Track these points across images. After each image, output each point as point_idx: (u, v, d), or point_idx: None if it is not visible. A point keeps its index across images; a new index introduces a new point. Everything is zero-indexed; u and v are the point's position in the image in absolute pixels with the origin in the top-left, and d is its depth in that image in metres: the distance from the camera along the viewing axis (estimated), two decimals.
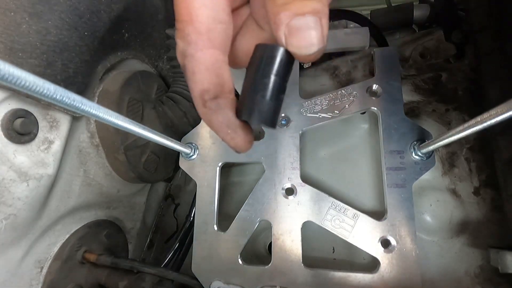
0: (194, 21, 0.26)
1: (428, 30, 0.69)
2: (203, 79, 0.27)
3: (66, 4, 0.48)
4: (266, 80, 0.25)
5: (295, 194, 0.55)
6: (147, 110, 0.67)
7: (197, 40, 0.26)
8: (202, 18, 0.26)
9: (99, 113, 0.29)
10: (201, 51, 0.26)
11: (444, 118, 0.63)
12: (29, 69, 0.43)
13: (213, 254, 0.56)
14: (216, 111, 0.27)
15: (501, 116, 0.30)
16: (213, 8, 0.26)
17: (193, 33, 0.26)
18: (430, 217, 0.59)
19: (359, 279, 0.50)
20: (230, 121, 0.28)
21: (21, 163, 0.46)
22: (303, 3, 0.23)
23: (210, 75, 0.27)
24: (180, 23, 0.26)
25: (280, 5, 0.23)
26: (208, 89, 0.27)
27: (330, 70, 0.71)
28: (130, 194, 0.73)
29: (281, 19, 0.23)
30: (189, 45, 0.26)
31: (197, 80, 0.27)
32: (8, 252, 0.49)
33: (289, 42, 0.24)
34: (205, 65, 0.26)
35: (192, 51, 0.26)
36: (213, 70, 0.27)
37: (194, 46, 0.26)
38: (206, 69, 0.26)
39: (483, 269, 0.56)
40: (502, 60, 0.53)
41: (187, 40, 0.26)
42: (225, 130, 0.28)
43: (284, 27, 0.23)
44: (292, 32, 0.23)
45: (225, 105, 0.28)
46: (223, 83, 0.28)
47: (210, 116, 0.28)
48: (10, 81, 0.20)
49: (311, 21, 0.23)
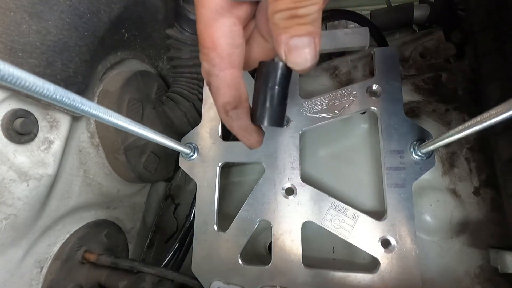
0: (217, 48, 0.32)
1: (428, 30, 0.69)
2: (225, 93, 0.33)
3: (66, 4, 0.48)
4: (272, 91, 0.32)
5: (295, 194, 0.55)
6: (147, 110, 0.67)
7: (220, 63, 0.32)
8: (223, 45, 0.32)
9: (99, 113, 0.29)
10: (223, 72, 0.33)
11: (444, 118, 0.63)
12: (29, 69, 0.43)
13: (213, 254, 0.56)
14: (236, 119, 0.34)
15: (501, 116, 0.30)
16: (231, 36, 0.32)
17: (216, 57, 0.32)
18: (430, 217, 0.59)
19: (359, 279, 0.50)
20: (247, 126, 0.35)
21: (21, 163, 0.46)
22: (300, 27, 0.28)
23: (231, 90, 0.33)
24: (205, 49, 0.32)
25: (281, 28, 0.28)
26: (230, 101, 0.34)
27: (330, 70, 0.71)
28: (130, 194, 0.73)
29: (281, 39, 0.29)
30: (213, 67, 0.33)
31: (221, 94, 0.34)
32: (8, 252, 0.49)
33: (288, 58, 0.29)
34: (227, 82, 0.33)
35: (216, 72, 0.33)
36: (233, 86, 0.33)
37: (218, 67, 0.33)
38: (228, 86, 0.33)
39: (483, 269, 0.56)
40: (501, 60, 0.53)
41: (211, 63, 0.32)
42: (243, 134, 0.36)
43: (284, 46, 0.29)
44: (290, 50, 0.29)
45: (242, 114, 0.35)
46: (241, 95, 0.34)
47: (231, 123, 0.35)
48: (10, 81, 0.20)
49: (306, 41, 0.28)
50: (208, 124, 0.61)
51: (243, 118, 0.35)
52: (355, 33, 0.60)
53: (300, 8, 0.27)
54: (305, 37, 0.28)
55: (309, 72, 0.73)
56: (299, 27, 0.28)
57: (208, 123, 0.62)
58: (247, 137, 0.36)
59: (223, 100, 0.34)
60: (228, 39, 0.32)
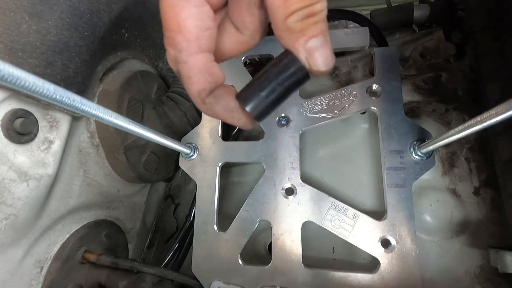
0: (183, 31, 0.28)
1: (428, 30, 0.69)
2: (198, 80, 0.29)
3: (66, 4, 0.48)
4: (279, 86, 0.28)
5: (295, 194, 0.55)
6: (147, 110, 0.67)
7: (188, 47, 0.28)
8: (190, 28, 0.28)
9: (99, 113, 0.29)
10: (192, 57, 0.29)
11: (444, 118, 0.63)
12: (29, 69, 0.43)
13: (213, 254, 0.56)
14: (216, 102, 0.30)
15: (500, 116, 0.30)
16: (200, 17, 0.28)
17: (183, 41, 0.28)
18: (430, 217, 0.59)
19: (359, 279, 0.50)
20: (231, 105, 0.31)
21: (21, 163, 0.46)
22: (315, 26, 0.26)
23: (204, 75, 0.29)
24: (170, 32, 0.28)
25: (298, 32, 0.26)
26: (204, 87, 0.30)
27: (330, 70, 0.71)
28: (130, 194, 0.73)
29: (300, 44, 0.26)
30: (180, 52, 0.28)
31: (193, 82, 0.29)
32: (8, 252, 0.49)
33: (311, 63, 0.27)
34: (198, 68, 0.29)
35: (184, 58, 0.29)
36: (205, 71, 0.29)
37: (185, 53, 0.28)
38: (200, 71, 0.29)
39: (483, 269, 0.56)
40: (501, 60, 0.53)
41: (178, 48, 0.28)
42: (230, 115, 0.31)
43: (304, 51, 0.27)
44: (311, 54, 0.27)
45: (221, 95, 0.30)
46: (217, 79, 0.30)
47: (213, 108, 0.31)
48: (10, 81, 0.20)
49: (323, 40, 0.26)
50: (208, 124, 0.61)
51: (224, 98, 0.31)
52: (355, 33, 0.60)
53: (315, 4, 0.25)
54: (321, 36, 0.26)
55: None
56: (314, 27, 0.26)
57: (208, 123, 0.62)
58: (237, 117, 0.31)
59: (196, 88, 0.30)
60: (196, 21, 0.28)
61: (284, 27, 0.26)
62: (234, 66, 0.63)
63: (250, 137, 0.75)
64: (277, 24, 0.27)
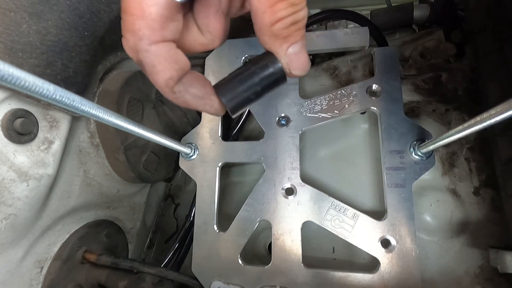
0: (147, 18, 0.25)
1: (428, 30, 0.69)
2: (164, 69, 0.28)
3: (66, 4, 0.47)
4: (255, 85, 0.29)
5: (295, 194, 0.55)
6: (147, 110, 0.67)
7: (150, 35, 0.26)
8: (155, 16, 0.25)
9: (99, 113, 0.29)
10: (155, 45, 0.27)
11: (444, 118, 0.63)
12: (29, 69, 0.43)
13: (213, 254, 0.56)
14: (186, 90, 0.29)
15: (500, 116, 0.30)
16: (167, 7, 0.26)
17: (145, 28, 0.26)
18: (430, 217, 0.59)
19: (359, 279, 0.50)
20: (201, 91, 0.30)
21: (21, 163, 0.46)
22: (297, 32, 0.27)
23: (170, 63, 0.28)
24: (130, 15, 0.25)
25: (283, 38, 0.27)
26: (172, 76, 0.28)
27: (330, 70, 0.71)
28: (130, 194, 0.73)
29: (283, 50, 0.27)
30: (140, 40, 0.26)
31: (159, 71, 0.28)
32: (8, 252, 0.49)
33: (291, 67, 0.28)
34: (163, 56, 0.27)
35: (145, 46, 0.26)
36: (170, 58, 0.28)
37: (146, 41, 0.26)
38: (165, 59, 0.27)
39: (483, 269, 0.56)
40: (501, 60, 0.53)
41: (138, 35, 0.26)
42: (202, 102, 0.30)
43: (285, 55, 0.28)
44: (291, 59, 0.28)
45: (190, 82, 0.30)
46: (183, 65, 0.29)
47: (184, 96, 0.30)
48: (10, 81, 0.20)
49: (302, 45, 0.28)
50: (208, 124, 0.61)
51: (194, 85, 0.30)
52: (355, 33, 0.60)
53: (299, 12, 0.26)
54: (300, 42, 0.27)
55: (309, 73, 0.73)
56: (297, 33, 0.27)
57: (208, 123, 0.62)
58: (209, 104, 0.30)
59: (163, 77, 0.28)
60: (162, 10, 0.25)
61: (269, 33, 0.26)
62: (234, 66, 0.63)
63: (250, 137, 0.75)
64: (262, 29, 0.27)
